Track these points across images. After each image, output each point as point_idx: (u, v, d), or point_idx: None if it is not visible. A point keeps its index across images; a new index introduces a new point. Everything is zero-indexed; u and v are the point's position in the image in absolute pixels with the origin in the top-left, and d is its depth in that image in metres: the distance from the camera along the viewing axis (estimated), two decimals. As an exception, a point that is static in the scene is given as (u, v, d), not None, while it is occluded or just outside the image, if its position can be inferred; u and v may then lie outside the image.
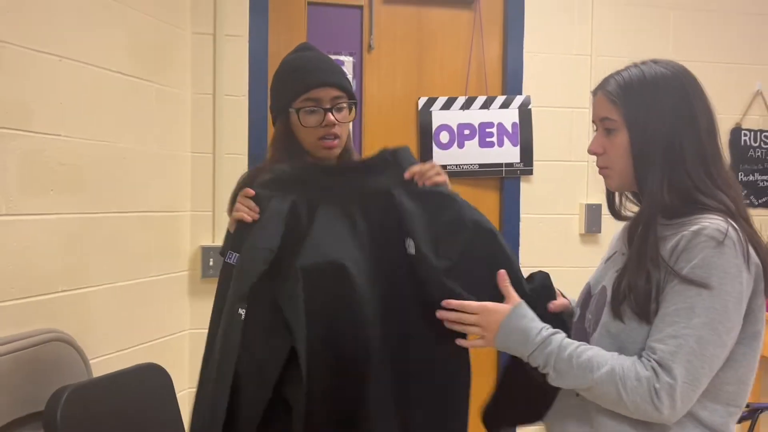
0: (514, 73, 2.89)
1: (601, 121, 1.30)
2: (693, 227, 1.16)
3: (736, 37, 3.06)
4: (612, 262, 1.35)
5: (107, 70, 2.10)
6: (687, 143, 1.21)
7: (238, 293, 1.33)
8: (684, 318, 1.13)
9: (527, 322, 1.27)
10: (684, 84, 1.25)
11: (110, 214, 2.12)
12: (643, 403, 1.13)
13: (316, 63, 1.54)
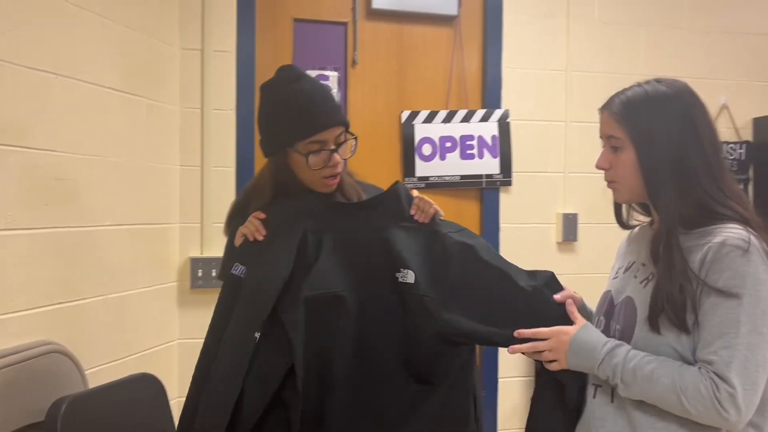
0: (493, 88, 2.98)
1: (607, 138, 1.36)
2: (717, 238, 1.21)
3: (703, 53, 3.19)
4: (631, 272, 1.39)
5: (100, 87, 2.14)
6: (694, 157, 1.27)
7: (254, 319, 1.42)
8: (731, 328, 1.18)
9: (595, 338, 1.32)
10: (686, 101, 1.31)
11: (103, 227, 2.16)
12: (708, 412, 1.18)
13: (319, 101, 1.51)
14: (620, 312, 1.38)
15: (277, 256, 1.45)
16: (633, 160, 1.32)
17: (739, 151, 3.22)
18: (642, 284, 1.33)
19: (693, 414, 1.21)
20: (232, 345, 1.45)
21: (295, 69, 1.57)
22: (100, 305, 2.14)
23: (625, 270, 1.43)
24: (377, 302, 1.48)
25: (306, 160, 1.49)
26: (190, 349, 2.65)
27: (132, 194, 2.32)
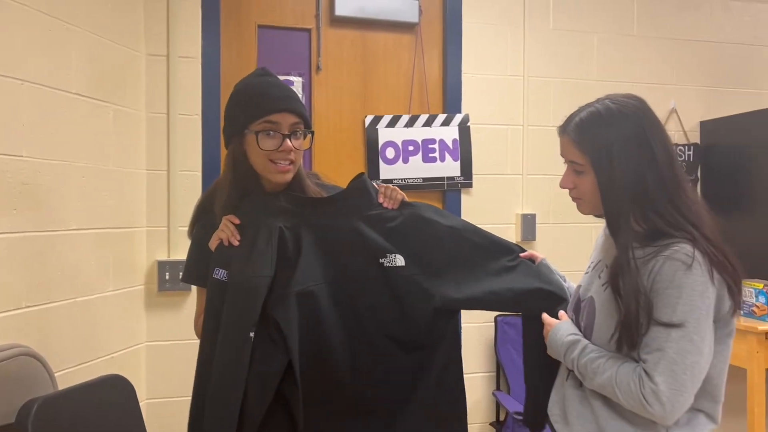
0: (453, 93, 3.08)
1: (569, 162, 1.43)
2: (665, 252, 1.30)
3: (653, 60, 3.34)
4: (597, 271, 1.49)
5: (66, 92, 2.16)
6: (650, 180, 1.33)
7: (247, 319, 1.46)
8: (664, 333, 1.28)
9: (562, 332, 1.46)
10: (639, 119, 1.36)
11: (70, 232, 2.18)
12: (637, 405, 1.30)
13: (277, 89, 1.56)
14: (584, 310, 1.48)
15: (260, 255, 1.50)
16: (594, 183, 1.39)
17: (688, 153, 3.38)
18: (603, 287, 1.42)
19: (626, 406, 1.33)
20: (229, 348, 1.47)
21: (266, 69, 1.64)
22: (68, 308, 2.16)
23: (594, 267, 1.53)
24: (362, 288, 1.55)
25: (257, 140, 1.51)
26: (158, 351, 2.69)
27: (99, 199, 2.35)
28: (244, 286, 1.48)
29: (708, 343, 1.31)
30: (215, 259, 1.54)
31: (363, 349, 1.53)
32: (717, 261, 1.32)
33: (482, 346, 3.10)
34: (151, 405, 2.66)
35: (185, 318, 2.71)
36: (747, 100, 3.42)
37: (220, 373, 1.47)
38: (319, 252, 1.55)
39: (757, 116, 3.11)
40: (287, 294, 1.48)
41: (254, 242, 1.52)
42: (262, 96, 1.54)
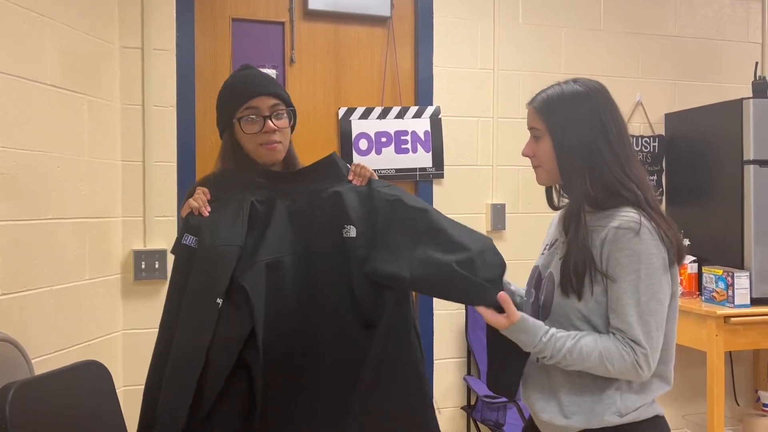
0: (425, 86, 3.14)
1: (530, 129, 1.58)
2: (614, 222, 1.43)
3: (619, 53, 3.44)
4: (555, 249, 1.60)
5: (41, 84, 2.19)
6: (601, 147, 1.47)
7: (214, 286, 1.51)
8: (633, 298, 1.40)
9: (524, 337, 1.46)
10: (596, 99, 1.51)
11: (46, 221, 2.22)
12: (629, 372, 1.42)
13: (254, 78, 1.69)
14: (545, 285, 1.58)
15: (231, 225, 1.57)
16: (550, 147, 1.53)
17: (653, 144, 3.48)
18: (560, 261, 1.53)
19: (615, 375, 1.44)
20: (194, 313, 1.53)
21: (247, 65, 1.76)
22: (44, 296, 2.20)
23: (550, 247, 1.64)
24: (326, 259, 1.62)
25: (240, 125, 1.64)
26: (134, 339, 2.74)
27: (74, 189, 2.38)
28: (215, 252, 1.54)
29: (668, 298, 1.45)
30: (185, 227, 1.60)
31: (322, 321, 1.59)
32: (660, 224, 1.44)
33: (454, 333, 3.18)
34: (128, 392, 2.70)
35: (161, 306, 2.74)
36: (710, 93, 3.53)
37: (183, 338, 1.53)
38: (289, 224, 1.62)
39: (719, 108, 3.22)
40: (256, 263, 1.54)
41: (225, 213, 1.59)
42: (242, 86, 1.67)
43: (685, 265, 3.26)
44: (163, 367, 1.58)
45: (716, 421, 2.88)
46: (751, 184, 3.01)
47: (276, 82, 1.72)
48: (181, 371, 1.52)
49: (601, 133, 1.48)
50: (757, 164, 3.02)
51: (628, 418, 1.46)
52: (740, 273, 2.95)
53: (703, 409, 3.20)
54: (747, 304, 2.93)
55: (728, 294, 2.95)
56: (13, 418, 1.71)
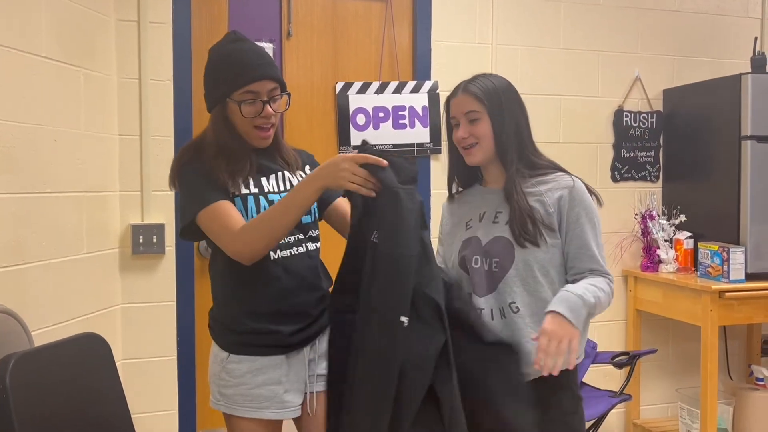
0: (423, 61, 3.13)
1: (465, 114, 1.75)
2: (562, 184, 1.74)
3: (618, 28, 3.41)
4: (489, 219, 1.78)
5: (36, 56, 2.18)
6: (524, 133, 1.78)
7: (402, 304, 1.45)
8: (595, 242, 1.73)
9: (567, 302, 1.62)
10: (515, 92, 1.80)
11: (43, 195, 2.22)
12: (611, 299, 1.73)
13: (254, 56, 1.68)
14: (493, 248, 1.75)
15: (406, 227, 1.48)
16: (488, 128, 1.74)
17: (651, 120, 3.48)
18: (507, 225, 1.73)
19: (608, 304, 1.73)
20: (381, 332, 1.46)
21: (238, 33, 1.75)
22: (43, 270, 2.21)
23: (480, 219, 1.80)
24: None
25: (240, 108, 1.65)
26: (133, 313, 2.76)
27: (71, 162, 2.38)
28: (397, 263, 1.47)
29: None
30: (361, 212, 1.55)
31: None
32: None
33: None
34: (126, 365, 2.73)
35: (160, 281, 2.77)
36: (709, 68, 3.51)
37: (372, 359, 1.46)
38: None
39: (718, 84, 3.21)
40: (437, 274, 1.54)
41: (396, 210, 1.49)
42: (241, 65, 1.66)
43: (681, 240, 3.28)
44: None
45: (709, 394, 2.92)
46: (748, 160, 3.02)
47: (273, 62, 1.72)
48: (377, 396, 1.46)
49: (525, 122, 1.79)
50: (754, 140, 3.02)
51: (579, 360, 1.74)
52: (736, 248, 2.96)
53: (696, 383, 3.24)
54: (742, 279, 2.95)
55: (723, 269, 2.97)
56: (14, 388, 1.72)
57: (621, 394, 2.93)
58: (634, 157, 3.45)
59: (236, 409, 1.76)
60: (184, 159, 1.74)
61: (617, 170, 3.42)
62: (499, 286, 1.72)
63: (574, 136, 3.34)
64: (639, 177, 3.47)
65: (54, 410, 1.81)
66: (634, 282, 3.37)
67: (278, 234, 1.63)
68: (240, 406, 1.75)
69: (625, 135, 3.43)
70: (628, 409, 3.44)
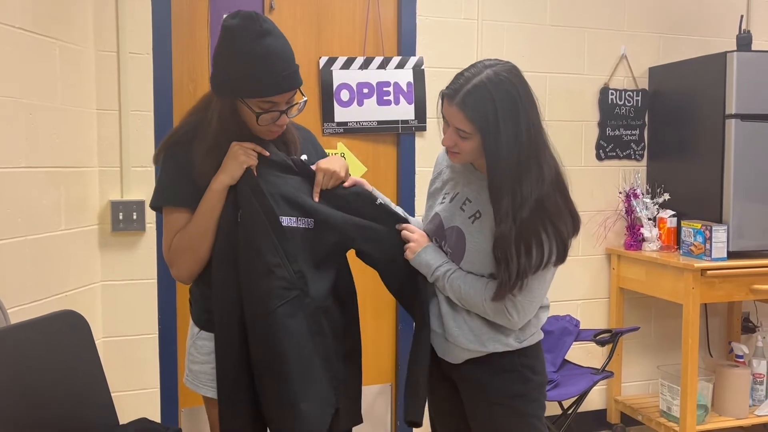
0: (408, 36, 3.08)
1: (455, 128, 1.60)
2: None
3: (604, 5, 3.38)
4: (457, 204, 1.74)
5: (10, 27, 2.12)
6: (530, 158, 1.56)
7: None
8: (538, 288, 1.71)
9: (432, 257, 1.74)
10: (515, 86, 1.56)
11: (18, 169, 2.16)
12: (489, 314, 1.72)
13: (280, 63, 1.57)
14: (450, 237, 1.74)
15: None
16: (477, 146, 1.60)
17: (636, 98, 3.47)
18: (470, 220, 1.69)
19: (490, 315, 1.69)
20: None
21: (261, 21, 1.56)
22: (19, 246, 2.16)
23: (451, 200, 1.76)
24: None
25: (256, 117, 1.59)
26: (113, 290, 2.72)
27: (48, 137, 2.32)
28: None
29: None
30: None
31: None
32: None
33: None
34: (107, 343, 2.70)
35: (140, 258, 2.73)
36: (695, 46, 3.50)
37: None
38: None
39: (703, 62, 3.20)
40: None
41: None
42: (266, 74, 1.56)
43: (665, 219, 3.29)
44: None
45: (690, 371, 2.95)
46: (732, 139, 3.02)
47: (297, 68, 1.63)
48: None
49: (528, 139, 1.56)
50: (738, 118, 3.02)
51: (524, 343, 1.74)
52: (718, 227, 2.98)
53: (677, 360, 3.27)
54: (724, 257, 2.97)
55: (706, 248, 2.99)
56: (-10, 366, 1.70)
57: (603, 371, 2.96)
58: (619, 135, 3.44)
59: (200, 387, 1.76)
60: (177, 138, 1.68)
61: (602, 148, 3.41)
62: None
63: (560, 114, 3.32)
64: (624, 155, 3.46)
65: (31, 389, 1.79)
66: (617, 260, 3.38)
67: (201, 247, 1.65)
68: (204, 385, 1.74)
69: (611, 113, 3.42)
70: (609, 385, 3.47)
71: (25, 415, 1.73)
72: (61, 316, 2.02)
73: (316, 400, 1.66)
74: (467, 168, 1.76)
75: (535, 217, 1.57)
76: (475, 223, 1.69)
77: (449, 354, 1.78)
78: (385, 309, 3.17)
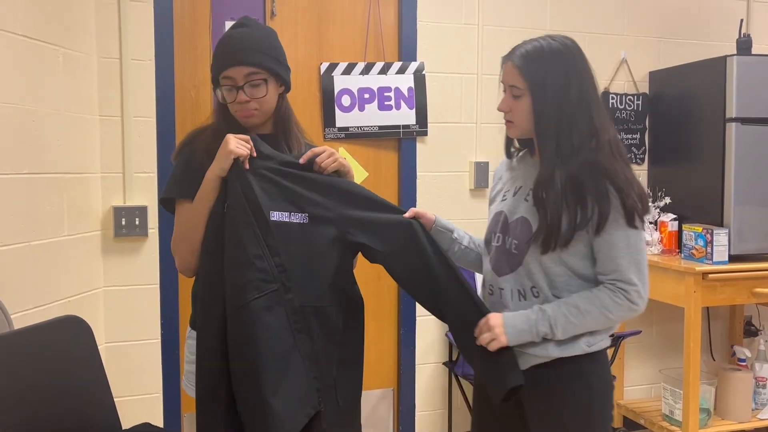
0: (409, 41, 3.10)
1: (509, 87, 1.64)
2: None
3: (605, 10, 3.40)
4: (521, 196, 1.69)
5: (13, 34, 2.13)
6: (577, 113, 1.58)
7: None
8: (623, 238, 1.60)
9: (521, 312, 1.63)
10: (574, 58, 1.61)
11: (21, 176, 2.18)
12: (626, 314, 1.61)
13: (236, 42, 1.67)
14: (515, 229, 1.67)
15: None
16: (529, 106, 1.62)
17: (637, 102, 3.48)
18: (535, 208, 1.63)
19: (617, 321, 1.63)
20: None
21: (246, 18, 1.73)
22: (22, 252, 2.17)
23: (514, 194, 1.73)
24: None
25: (221, 96, 1.70)
26: (116, 296, 2.73)
27: (50, 143, 2.34)
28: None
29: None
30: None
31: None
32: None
33: (436, 290, 3.20)
34: (110, 348, 2.71)
35: (143, 263, 2.74)
36: (696, 50, 3.51)
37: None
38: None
39: (703, 66, 3.20)
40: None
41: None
42: (222, 51, 1.69)
43: (666, 222, 3.29)
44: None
45: (692, 375, 2.94)
46: (732, 142, 3.02)
47: (256, 48, 1.67)
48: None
49: (578, 97, 1.59)
50: (738, 122, 3.02)
51: (593, 348, 1.64)
52: (719, 230, 2.98)
53: (679, 363, 3.26)
54: (725, 261, 2.97)
55: (707, 251, 2.99)
56: (-7, 371, 1.71)
57: (605, 375, 2.95)
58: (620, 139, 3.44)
59: (188, 387, 1.76)
60: (191, 139, 1.78)
61: (603, 152, 3.41)
62: (518, 269, 1.66)
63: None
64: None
65: (34, 394, 1.80)
66: (618, 264, 3.37)
67: (194, 236, 1.68)
68: (191, 384, 1.73)
69: (611, 117, 3.41)
70: (612, 389, 3.46)
71: (29, 420, 1.74)
72: (64, 322, 2.03)
73: (290, 398, 1.59)
74: (527, 162, 1.74)
75: (587, 169, 1.56)
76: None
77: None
78: (386, 312, 3.18)
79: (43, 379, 1.85)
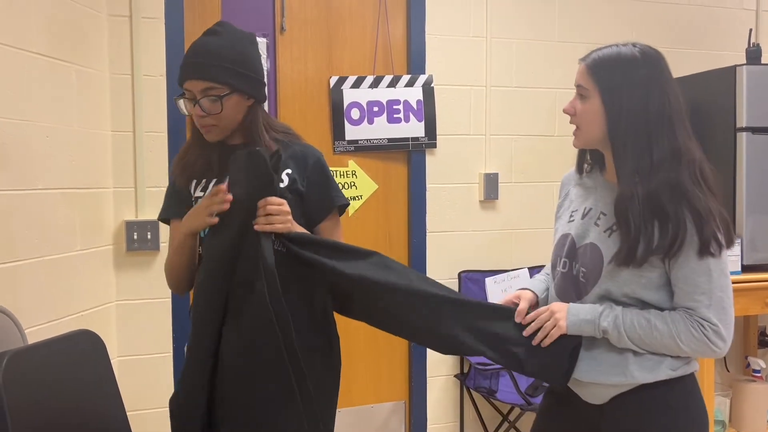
0: (417, 54, 3.11)
1: (577, 87, 1.54)
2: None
3: (612, 20, 3.40)
4: (591, 219, 1.56)
5: (27, 52, 2.16)
6: (657, 118, 1.45)
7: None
8: (704, 276, 1.44)
9: (585, 306, 1.51)
10: (654, 66, 1.48)
11: (35, 191, 2.20)
12: (701, 349, 1.43)
13: (199, 54, 1.61)
14: (584, 255, 1.55)
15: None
16: (597, 108, 1.50)
17: (646, 113, 3.46)
18: (606, 234, 1.51)
19: (687, 352, 1.45)
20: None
21: (219, 24, 1.68)
22: (36, 267, 2.19)
23: (583, 216, 1.60)
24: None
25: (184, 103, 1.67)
26: (128, 310, 2.74)
27: (64, 159, 2.36)
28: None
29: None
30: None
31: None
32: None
33: (447, 302, 3.19)
34: (122, 362, 2.72)
35: (155, 277, 2.75)
36: (705, 60, 3.50)
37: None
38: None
39: (713, 75, 3.20)
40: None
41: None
42: (185, 60, 1.65)
43: (677, 233, 3.27)
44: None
45: (706, 386, 2.92)
46: (743, 152, 3.01)
47: (211, 63, 1.59)
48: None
49: (659, 110, 1.45)
50: (749, 131, 3.01)
51: (678, 372, 1.49)
52: (732, 240, 2.96)
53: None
54: (738, 271, 2.95)
55: (719, 261, 2.97)
56: (8, 386, 1.70)
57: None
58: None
59: None
60: (176, 157, 1.79)
61: (613, 163, 3.41)
62: (585, 297, 1.54)
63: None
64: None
65: (48, 408, 1.80)
66: (630, 275, 3.35)
67: (174, 276, 1.73)
68: None
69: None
70: (625, 401, 3.43)
71: (42, 434, 1.75)
72: (77, 336, 2.03)
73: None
74: (599, 181, 1.61)
75: (667, 190, 1.42)
76: (611, 237, 1.50)
77: (591, 395, 1.55)
78: (397, 326, 3.17)
79: (56, 393, 1.85)
